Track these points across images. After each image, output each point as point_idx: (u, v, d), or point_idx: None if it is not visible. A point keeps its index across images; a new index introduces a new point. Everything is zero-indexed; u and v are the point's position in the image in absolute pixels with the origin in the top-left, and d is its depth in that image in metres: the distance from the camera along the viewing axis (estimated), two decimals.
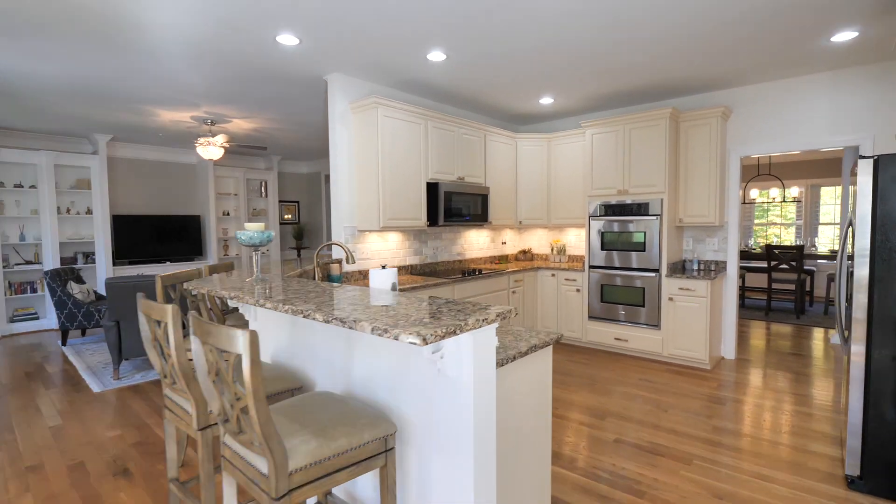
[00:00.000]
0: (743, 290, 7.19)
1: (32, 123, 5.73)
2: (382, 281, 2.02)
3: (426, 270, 4.76)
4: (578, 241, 5.61)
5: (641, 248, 4.54)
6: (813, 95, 4.12)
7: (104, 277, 6.56)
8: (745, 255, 7.82)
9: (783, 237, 8.70)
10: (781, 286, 8.10)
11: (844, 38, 3.29)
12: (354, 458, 1.42)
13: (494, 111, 5.35)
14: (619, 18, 2.94)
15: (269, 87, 4.30)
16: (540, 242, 5.98)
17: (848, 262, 2.71)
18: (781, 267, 6.53)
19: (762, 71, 4.04)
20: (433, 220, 4.34)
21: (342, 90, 3.98)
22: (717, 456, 2.74)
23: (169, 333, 1.62)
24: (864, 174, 2.31)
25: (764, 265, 7.52)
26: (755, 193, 7.66)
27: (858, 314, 2.36)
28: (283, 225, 9.06)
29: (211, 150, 5.60)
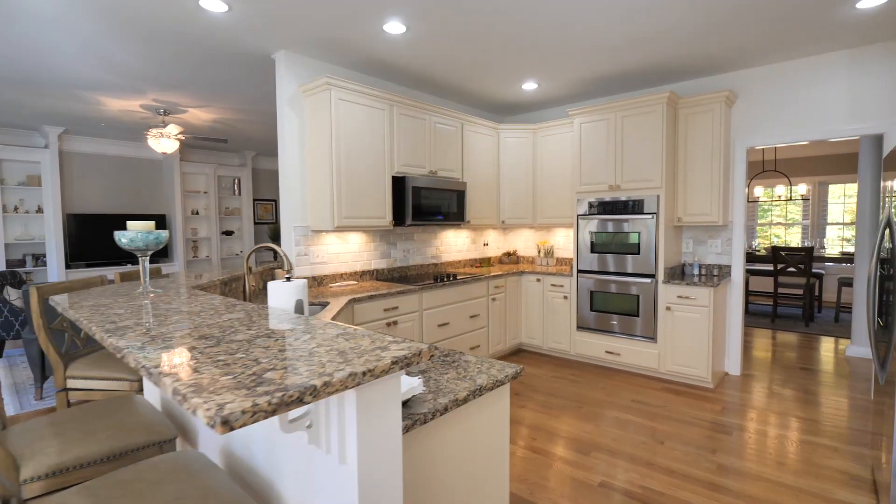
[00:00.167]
0: (747, 294, 6.69)
1: None
2: (283, 297, 1.53)
3: (394, 276, 4.26)
4: (567, 242, 5.11)
5: (635, 250, 4.04)
6: (829, 77, 3.62)
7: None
8: (748, 257, 7.32)
9: (783, 238, 8.20)
10: (787, 291, 7.61)
11: (871, 3, 2.79)
12: None
13: (473, 99, 4.85)
14: None
15: (213, 69, 3.80)
16: (527, 244, 5.48)
17: (882, 268, 2.21)
18: (788, 270, 6.03)
19: (772, 50, 3.54)
20: (400, 219, 3.84)
21: (291, 71, 3.48)
22: None
23: None
24: None
25: (768, 268, 7.03)
26: (759, 191, 7.16)
27: None
28: (258, 224, 8.55)
29: (164, 142, 5.10)
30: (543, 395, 3.69)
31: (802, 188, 6.85)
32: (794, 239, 8.10)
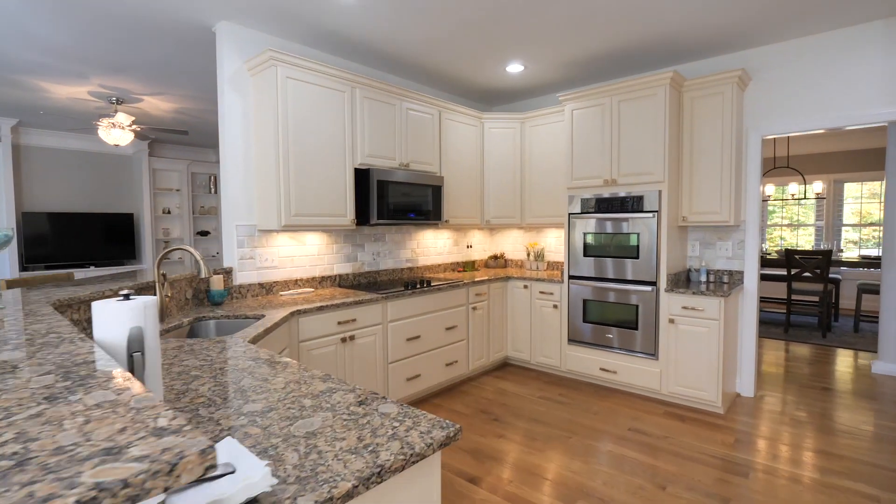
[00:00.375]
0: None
1: None
2: (113, 326, 1.05)
3: (361, 282, 3.77)
4: (560, 244, 4.61)
5: (634, 253, 3.54)
6: (860, 53, 3.12)
7: None
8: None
9: (789, 240, 7.66)
10: (802, 297, 7.09)
11: None
12: None
13: (454, 85, 4.36)
14: None
15: (151, 46, 3.32)
16: (515, 246, 4.98)
17: None
18: (804, 275, 5.51)
19: (792, 21, 3.05)
20: (364, 217, 3.35)
21: (234, 45, 3.01)
22: None
23: None
24: None
25: (779, 273, 6.52)
26: (770, 190, 6.65)
27: None
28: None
29: (115, 133, 4.64)
30: (526, 420, 3.19)
31: (818, 186, 6.33)
32: (799, 241, 7.57)
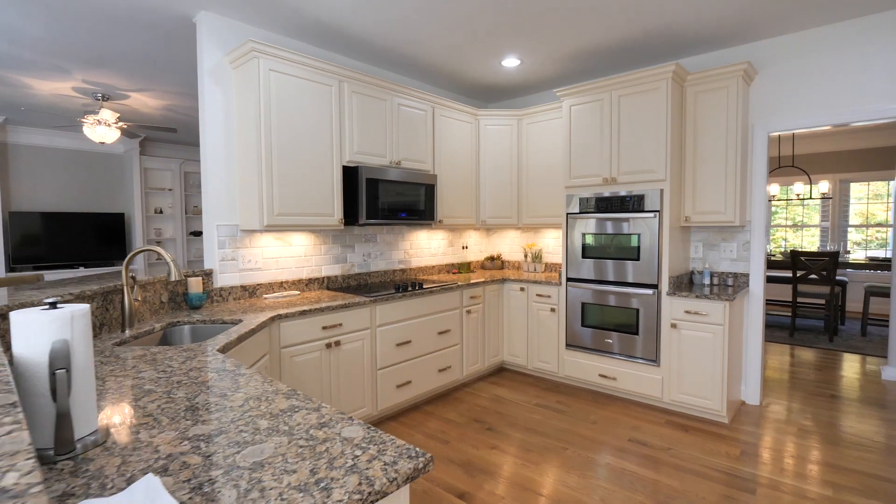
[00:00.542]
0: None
1: None
2: (36, 341, 0.91)
3: (350, 284, 3.63)
4: (558, 245, 4.47)
5: (635, 255, 3.40)
6: (874, 45, 2.97)
7: None
8: None
9: (792, 241, 7.51)
10: (807, 300, 6.94)
11: None
12: None
13: (448, 80, 4.22)
14: None
15: (131, 38, 3.19)
16: (512, 247, 4.84)
17: None
18: (810, 277, 5.36)
19: (801, 12, 2.90)
20: (352, 217, 3.22)
21: (215, 36, 2.87)
22: None
23: None
24: None
25: (784, 274, 6.36)
26: (775, 189, 6.50)
27: None
28: None
29: (101, 130, 4.51)
30: (522, 430, 3.05)
31: (824, 186, 6.18)
32: (800, 242, 7.41)
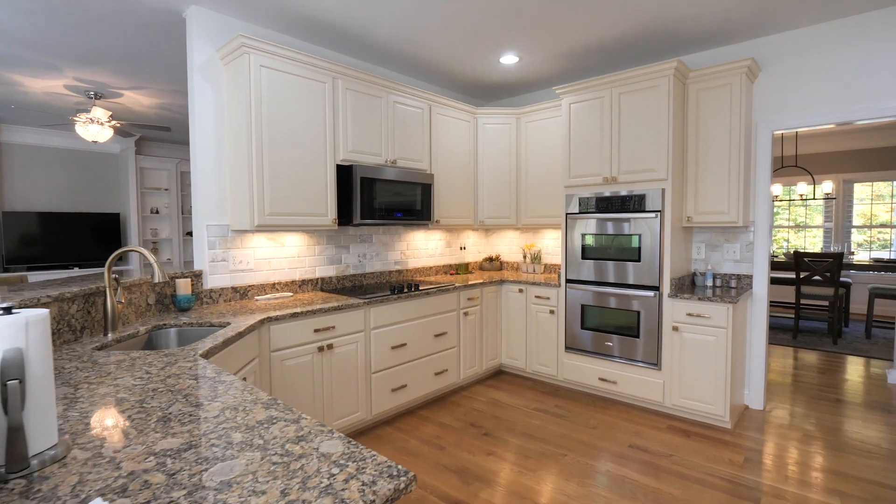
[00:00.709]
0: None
1: None
2: None
3: (345, 285, 3.56)
4: (557, 246, 4.39)
5: (636, 256, 3.32)
6: (879, 40, 2.89)
7: None
8: None
9: (793, 242, 7.42)
10: (811, 302, 6.86)
11: None
12: None
13: (445, 78, 4.15)
14: None
15: (121, 33, 3.13)
16: (511, 247, 4.77)
17: None
18: (813, 279, 5.27)
19: (806, 5, 2.83)
20: (346, 217, 3.15)
21: (205, 32, 2.81)
22: None
23: None
24: None
25: (787, 276, 6.28)
26: (778, 189, 6.42)
27: None
28: None
29: (93, 129, 4.45)
30: (520, 436, 2.97)
31: (827, 186, 6.10)
32: (803, 243, 7.33)
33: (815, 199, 5.92)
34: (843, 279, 5.87)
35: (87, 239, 6.29)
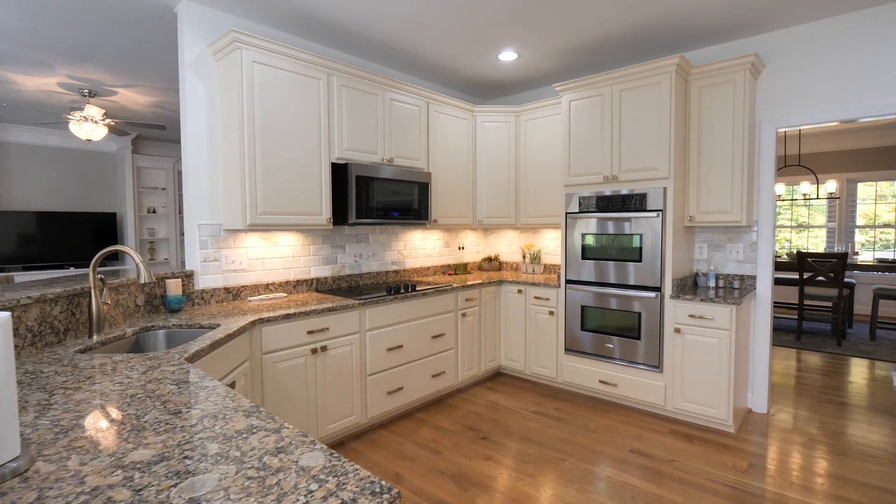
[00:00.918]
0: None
1: None
2: None
3: (341, 286, 3.50)
4: (557, 245, 4.33)
5: (637, 256, 3.26)
6: (887, 36, 2.83)
7: None
8: None
9: (796, 242, 7.35)
10: (814, 303, 6.79)
11: None
12: None
13: (444, 75, 4.09)
14: None
15: (112, 30, 3.07)
16: (510, 247, 4.71)
17: None
18: (817, 279, 5.21)
19: (812, 1, 2.76)
20: (341, 216, 3.09)
21: (197, 27, 2.75)
22: None
23: None
24: None
25: (790, 276, 6.21)
26: (781, 189, 6.35)
27: None
28: None
29: (87, 127, 4.40)
30: (518, 440, 2.91)
31: (831, 185, 6.02)
32: (805, 243, 7.26)
33: (818, 198, 5.85)
34: (846, 280, 5.80)
35: (83, 238, 6.23)
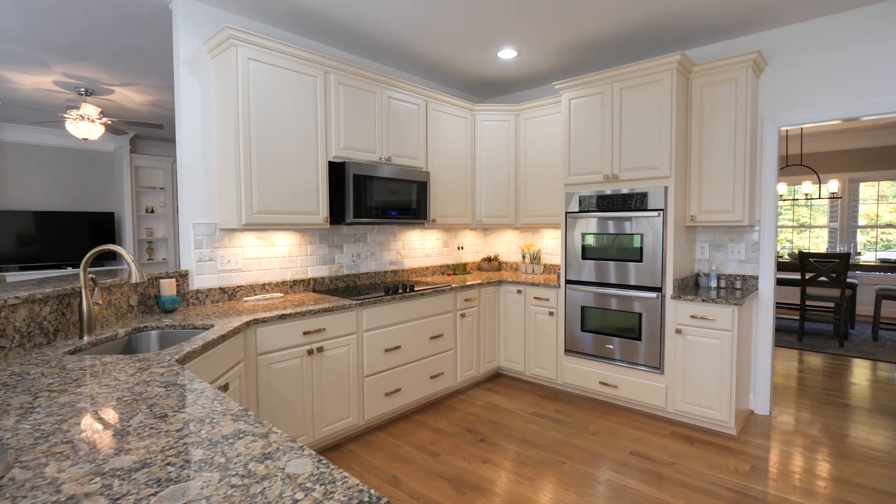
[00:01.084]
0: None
1: None
2: None
3: (339, 286, 3.47)
4: (557, 245, 4.30)
5: (637, 256, 3.22)
6: (892, 33, 2.79)
7: None
8: None
9: (797, 242, 7.31)
10: (816, 303, 6.75)
11: None
12: None
13: (443, 73, 4.06)
14: None
15: (107, 27, 3.04)
16: (510, 247, 4.67)
17: None
18: (819, 280, 5.16)
19: None
20: (339, 215, 3.05)
21: (192, 24, 2.71)
22: None
23: None
24: None
25: (791, 277, 6.17)
26: (783, 189, 6.31)
27: None
28: None
29: (84, 126, 4.37)
30: (517, 442, 2.88)
31: (833, 185, 5.98)
32: (807, 243, 7.21)
33: (820, 198, 5.81)
34: (849, 280, 5.75)
35: (81, 238, 6.20)
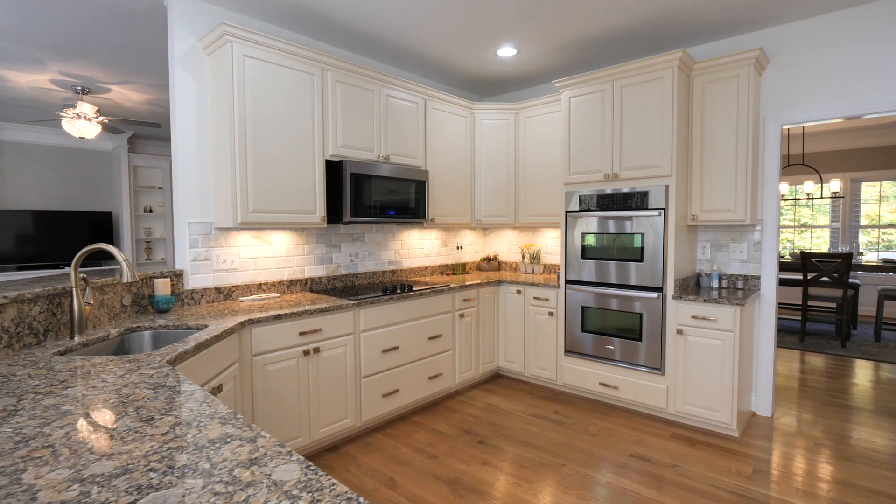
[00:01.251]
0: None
1: None
2: None
3: (337, 286, 3.44)
4: (557, 245, 4.26)
5: (638, 256, 3.19)
6: (895, 30, 2.76)
7: None
8: None
9: (798, 242, 7.27)
10: (818, 303, 6.70)
11: None
12: None
13: (442, 72, 4.02)
14: None
15: (102, 25, 3.01)
16: (510, 247, 4.64)
17: None
18: (821, 280, 5.13)
19: None
20: (336, 215, 3.02)
21: (187, 20, 2.68)
22: None
23: None
24: None
25: (793, 277, 6.13)
26: (784, 189, 6.27)
27: None
28: None
29: (81, 125, 4.33)
30: (516, 444, 2.84)
31: (835, 185, 5.94)
32: (808, 244, 7.17)
33: (822, 198, 5.77)
34: (851, 280, 5.71)
35: (79, 238, 6.18)
